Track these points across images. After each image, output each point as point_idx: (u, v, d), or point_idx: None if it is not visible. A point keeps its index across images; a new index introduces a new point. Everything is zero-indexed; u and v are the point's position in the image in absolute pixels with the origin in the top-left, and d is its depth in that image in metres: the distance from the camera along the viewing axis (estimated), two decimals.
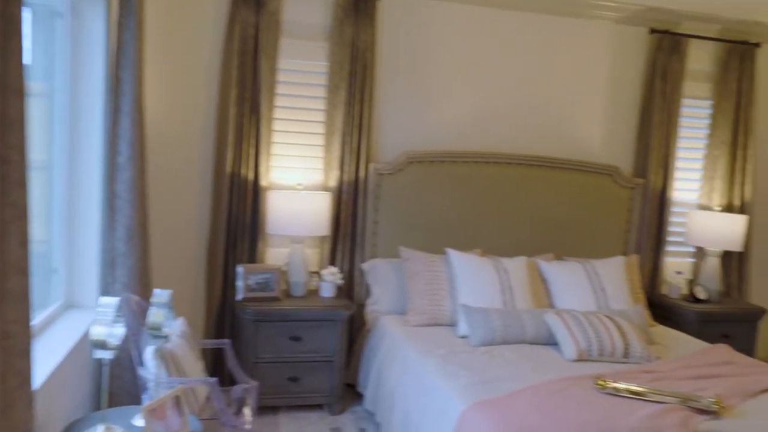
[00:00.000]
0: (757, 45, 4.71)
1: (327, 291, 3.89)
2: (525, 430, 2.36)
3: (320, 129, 4.09)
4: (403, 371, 3.27)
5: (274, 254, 4.07)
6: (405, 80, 4.23)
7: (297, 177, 4.06)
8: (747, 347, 4.31)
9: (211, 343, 3.33)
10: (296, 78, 4.05)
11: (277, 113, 4.00)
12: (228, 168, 3.84)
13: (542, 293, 3.92)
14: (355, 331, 4.11)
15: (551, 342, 3.44)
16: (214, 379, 2.54)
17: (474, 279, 3.72)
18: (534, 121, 4.48)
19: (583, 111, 4.58)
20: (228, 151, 3.83)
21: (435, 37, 4.25)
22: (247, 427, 2.65)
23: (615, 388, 2.77)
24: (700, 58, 4.73)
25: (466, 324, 3.51)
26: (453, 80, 4.31)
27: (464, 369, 3.00)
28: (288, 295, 3.87)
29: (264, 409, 3.65)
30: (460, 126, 4.34)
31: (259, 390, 2.96)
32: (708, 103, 4.80)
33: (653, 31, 4.54)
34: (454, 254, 3.85)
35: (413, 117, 4.27)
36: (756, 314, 4.39)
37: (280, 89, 3.99)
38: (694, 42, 4.64)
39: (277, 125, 4.01)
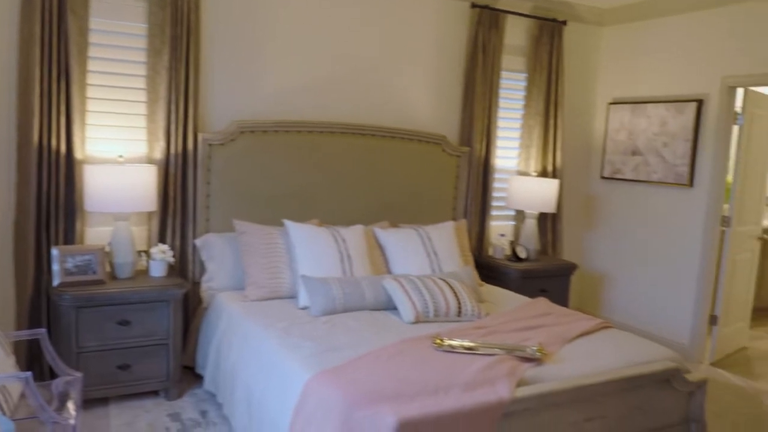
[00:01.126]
0: (563, 23, 5.11)
1: (157, 270, 3.65)
2: (368, 393, 2.39)
3: (142, 96, 3.79)
4: (244, 347, 3.17)
5: (96, 234, 3.73)
6: (235, 46, 4.04)
7: (118, 149, 3.74)
8: (562, 299, 4.76)
9: (23, 334, 2.98)
10: (112, 40, 3.70)
11: (91, 78, 3.64)
12: (35, 138, 3.43)
13: (380, 260, 4.00)
14: (191, 311, 3.92)
15: (390, 307, 3.53)
16: (27, 374, 2.27)
17: (312, 249, 3.69)
18: (366, 92, 4.51)
19: (413, 82, 4.69)
20: (34, 119, 3.41)
21: (265, 2, 4.09)
22: (72, 422, 2.42)
23: (451, 345, 2.90)
24: (516, 34, 5.04)
25: (306, 295, 3.48)
26: (285, 49, 4.20)
27: (307, 340, 2.97)
28: (113, 277, 3.57)
29: (92, 402, 3.37)
30: (293, 95, 4.25)
31: (84, 382, 2.71)
32: (523, 76, 5.15)
33: (474, 5, 4.75)
34: (291, 225, 3.79)
35: (245, 85, 4.10)
36: (569, 269, 4.84)
37: (93, 52, 3.63)
38: (510, 18, 4.93)
39: (91, 92, 3.65)
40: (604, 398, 2.80)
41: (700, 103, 4.68)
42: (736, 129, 4.64)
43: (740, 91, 4.62)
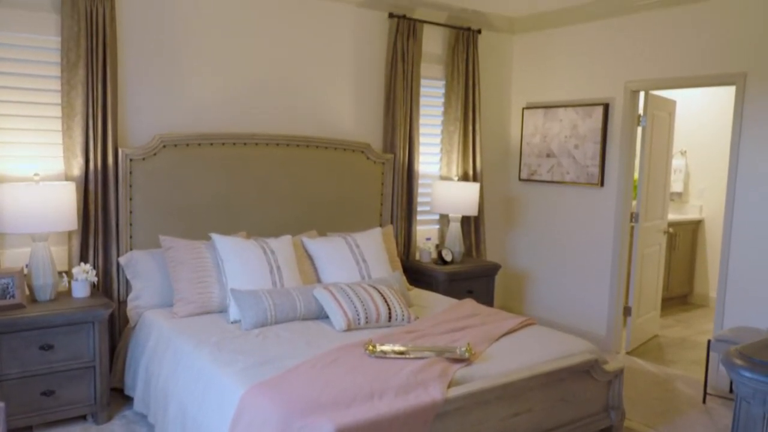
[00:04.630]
0: (478, 31, 5.30)
1: (80, 291, 3.54)
2: (304, 403, 2.43)
3: (57, 112, 3.68)
4: (176, 365, 3.13)
5: (13, 256, 3.59)
6: (153, 58, 3.98)
7: (33, 166, 3.61)
8: (488, 298, 4.94)
9: None
10: (23, 54, 3.57)
11: (2, 94, 3.51)
12: None
13: (309, 270, 4.04)
14: (118, 332, 3.83)
15: (322, 316, 3.57)
16: None
17: (241, 262, 3.68)
18: (289, 102, 4.53)
19: (335, 91, 4.75)
20: None
21: (185, 14, 4.05)
22: None
23: (382, 351, 2.98)
24: (433, 42, 5.19)
25: (236, 308, 3.47)
26: (205, 60, 4.16)
27: (240, 354, 2.97)
28: (33, 300, 3.44)
29: None
30: (215, 107, 4.23)
31: (6, 411, 2.61)
32: (442, 83, 5.31)
33: (391, 15, 4.86)
34: (218, 239, 3.77)
35: (166, 98, 4.04)
36: (493, 269, 5.01)
37: (2, 67, 3.50)
38: (427, 27, 5.08)
39: (2, 108, 3.52)
40: (530, 393, 2.95)
41: (606, 106, 4.97)
42: (640, 130, 4.95)
43: (642, 95, 4.93)
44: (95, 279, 3.62)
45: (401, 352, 2.98)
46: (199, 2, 4.10)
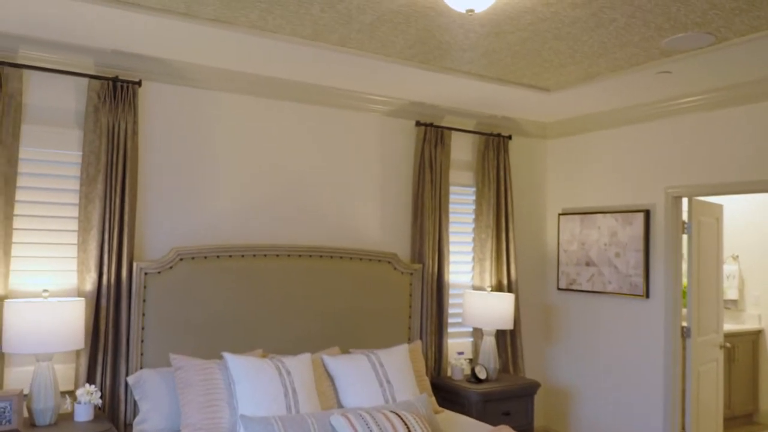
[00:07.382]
0: (509, 137, 5.19)
1: (83, 414, 3.31)
2: None
3: (73, 225, 3.61)
4: None
5: (15, 375, 3.41)
6: (174, 171, 3.94)
7: (44, 281, 3.51)
8: (527, 420, 4.50)
9: None
10: (43, 169, 3.56)
11: (20, 209, 3.47)
12: None
13: (329, 392, 3.74)
14: None
15: None
16: None
17: (254, 385, 3.41)
18: (312, 212, 4.41)
19: (360, 200, 4.63)
20: None
21: (207, 126, 4.05)
22: None
23: None
24: (462, 149, 5.09)
25: None
26: (228, 171, 4.11)
27: None
28: (32, 424, 3.22)
29: None
30: (236, 218, 4.12)
31: None
32: (472, 190, 5.15)
33: (419, 123, 4.80)
34: (231, 359, 3.52)
35: (184, 210, 3.96)
36: (531, 388, 4.59)
37: (22, 181, 3.48)
38: (455, 134, 4.99)
39: (18, 222, 3.47)
40: None
41: (647, 213, 4.70)
42: (685, 237, 4.64)
43: (685, 201, 4.66)
44: (100, 401, 3.39)
45: None
46: (221, 114, 4.10)
